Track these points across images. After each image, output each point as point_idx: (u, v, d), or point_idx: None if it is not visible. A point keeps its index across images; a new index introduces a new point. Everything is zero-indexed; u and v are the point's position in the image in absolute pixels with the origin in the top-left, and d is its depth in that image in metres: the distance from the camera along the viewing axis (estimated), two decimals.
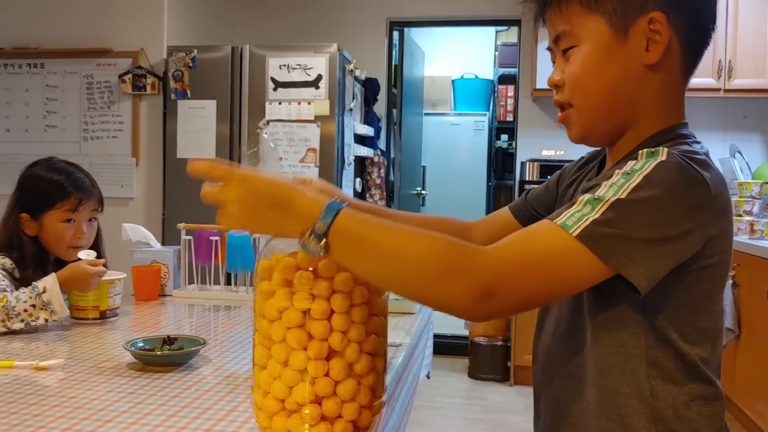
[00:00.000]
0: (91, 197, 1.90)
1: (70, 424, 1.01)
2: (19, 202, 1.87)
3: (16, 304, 1.59)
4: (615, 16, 0.90)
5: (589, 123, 0.96)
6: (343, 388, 0.87)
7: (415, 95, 5.27)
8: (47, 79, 4.18)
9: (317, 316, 0.85)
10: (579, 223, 0.79)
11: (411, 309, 1.91)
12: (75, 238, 1.87)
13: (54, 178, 1.87)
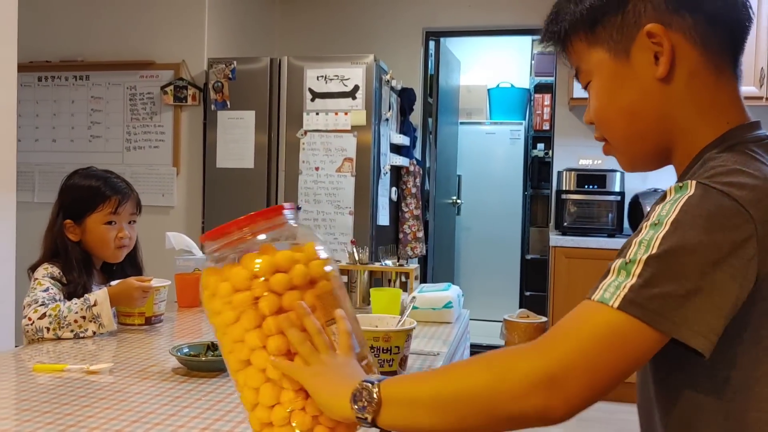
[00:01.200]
0: (128, 199, 1.95)
1: (122, 426, 1.04)
2: (62, 209, 1.92)
3: (68, 315, 1.65)
4: (612, 42, 0.89)
5: (627, 152, 0.94)
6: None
7: (450, 104, 5.28)
8: (92, 91, 4.30)
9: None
10: (617, 293, 0.74)
11: (448, 318, 1.93)
12: (117, 239, 1.91)
13: (93, 184, 1.93)
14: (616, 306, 0.73)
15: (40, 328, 1.63)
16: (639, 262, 0.74)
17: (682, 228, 0.74)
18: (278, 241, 0.91)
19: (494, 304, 5.14)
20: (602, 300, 0.74)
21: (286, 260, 0.88)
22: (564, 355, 0.74)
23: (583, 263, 3.98)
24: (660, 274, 0.72)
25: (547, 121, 5.62)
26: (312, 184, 3.86)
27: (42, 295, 1.72)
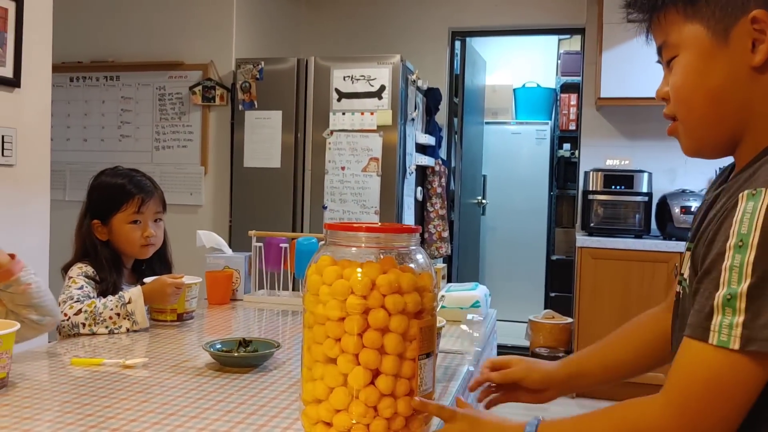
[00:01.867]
0: (152, 197, 1.96)
1: (159, 419, 1.07)
2: (89, 209, 1.95)
3: (103, 311, 1.68)
4: (713, 20, 0.86)
5: (696, 135, 0.92)
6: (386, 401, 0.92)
7: (476, 104, 5.27)
8: (122, 91, 4.37)
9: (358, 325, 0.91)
10: (733, 333, 0.74)
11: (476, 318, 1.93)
12: (143, 238, 1.92)
13: (117, 183, 1.95)
14: (737, 348, 0.74)
15: (76, 323, 1.67)
16: (741, 296, 0.74)
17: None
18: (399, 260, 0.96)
19: (519, 305, 5.13)
20: (721, 344, 0.75)
21: (408, 284, 0.92)
22: (685, 406, 0.78)
23: (609, 264, 3.96)
24: (766, 302, 0.73)
25: (573, 121, 5.59)
26: (338, 184, 3.88)
27: (77, 292, 1.76)
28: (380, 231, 0.98)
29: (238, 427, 1.04)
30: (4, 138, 2.55)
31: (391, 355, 0.91)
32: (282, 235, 2.21)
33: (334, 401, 0.91)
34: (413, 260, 0.97)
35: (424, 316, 0.93)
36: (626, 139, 4.44)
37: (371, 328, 0.90)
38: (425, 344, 0.93)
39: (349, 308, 0.90)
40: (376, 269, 0.91)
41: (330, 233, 0.98)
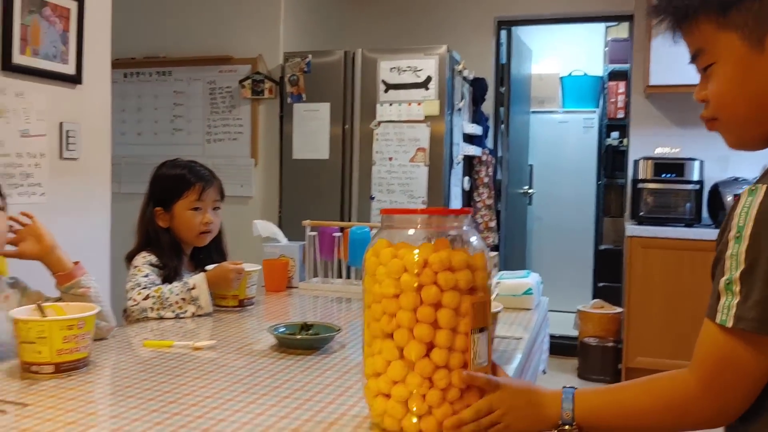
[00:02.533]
0: (212, 186, 2.04)
1: (232, 396, 1.12)
2: (151, 198, 2.04)
3: (169, 296, 1.76)
4: (747, 29, 0.87)
5: (739, 134, 0.96)
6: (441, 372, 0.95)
7: (522, 93, 5.24)
8: (174, 86, 4.48)
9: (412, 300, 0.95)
10: (729, 314, 0.84)
11: (528, 305, 1.95)
12: (202, 225, 1.99)
13: (179, 172, 2.04)
14: (730, 326, 0.83)
15: (144, 308, 1.75)
16: (736, 281, 0.83)
17: (759, 239, 0.82)
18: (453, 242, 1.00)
19: (566, 295, 5.10)
20: (722, 323, 0.84)
21: (459, 262, 0.95)
22: (701, 378, 0.88)
23: (660, 253, 3.91)
24: (753, 286, 0.82)
25: (621, 109, 5.51)
26: (385, 174, 3.92)
27: (143, 280, 1.84)
28: (434, 213, 1.04)
29: (307, 405, 1.09)
30: (68, 133, 2.66)
31: (444, 329, 0.94)
32: (335, 224, 2.26)
33: (392, 373, 0.96)
34: (467, 242, 1.00)
35: (476, 292, 0.96)
36: (676, 126, 4.37)
37: (424, 304, 0.94)
38: (478, 319, 0.96)
39: (403, 285, 0.95)
40: (429, 249, 0.96)
41: (386, 218, 1.03)
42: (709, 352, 0.87)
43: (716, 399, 0.86)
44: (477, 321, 0.95)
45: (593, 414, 0.95)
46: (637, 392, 0.95)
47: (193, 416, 1.02)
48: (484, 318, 0.97)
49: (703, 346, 0.88)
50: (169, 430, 0.96)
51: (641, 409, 0.92)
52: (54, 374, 1.20)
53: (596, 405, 0.96)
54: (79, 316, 1.22)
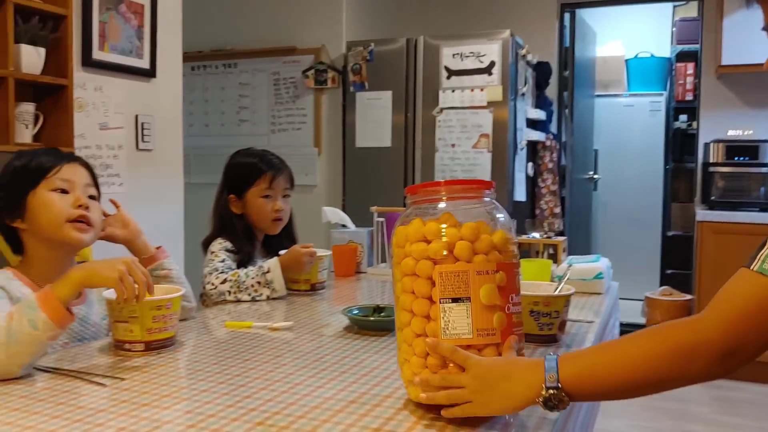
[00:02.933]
0: (282, 174, 2.09)
1: (313, 373, 1.17)
2: (225, 185, 2.10)
3: (246, 280, 1.83)
4: None
5: None
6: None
7: (586, 77, 5.15)
8: (240, 78, 4.58)
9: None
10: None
11: (599, 289, 1.94)
12: (273, 212, 2.05)
13: (251, 161, 2.09)
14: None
15: (222, 291, 1.82)
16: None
17: None
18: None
19: (633, 282, 4.99)
20: (761, 270, 0.84)
21: (431, 232, 0.96)
22: (725, 320, 0.84)
23: (732, 239, 3.80)
24: None
25: (690, 91, 5.35)
26: (448, 161, 3.92)
27: (220, 265, 1.91)
28: (450, 184, 1.02)
29: (385, 382, 1.12)
30: (143, 125, 2.77)
31: (419, 298, 0.96)
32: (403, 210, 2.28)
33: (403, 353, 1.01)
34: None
35: (443, 261, 0.95)
36: (749, 107, 4.22)
37: (405, 275, 0.98)
38: (448, 289, 0.94)
39: (394, 260, 1.00)
40: (419, 223, 0.98)
41: (408, 197, 1.06)
42: (739, 294, 0.85)
43: (733, 340, 0.83)
44: (447, 290, 0.94)
45: (582, 374, 0.88)
46: (638, 340, 0.89)
47: (278, 390, 1.07)
48: (459, 288, 0.94)
49: (732, 289, 0.86)
50: (254, 405, 1.01)
51: (641, 357, 0.87)
52: (144, 352, 1.26)
53: (584, 365, 0.89)
54: (168, 297, 1.28)
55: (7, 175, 1.40)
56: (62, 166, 1.39)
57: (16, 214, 1.37)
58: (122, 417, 0.95)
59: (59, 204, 1.36)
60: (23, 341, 1.12)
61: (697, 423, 3.28)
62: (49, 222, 1.35)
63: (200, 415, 0.96)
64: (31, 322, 1.13)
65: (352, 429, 0.92)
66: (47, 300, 1.16)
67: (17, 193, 1.36)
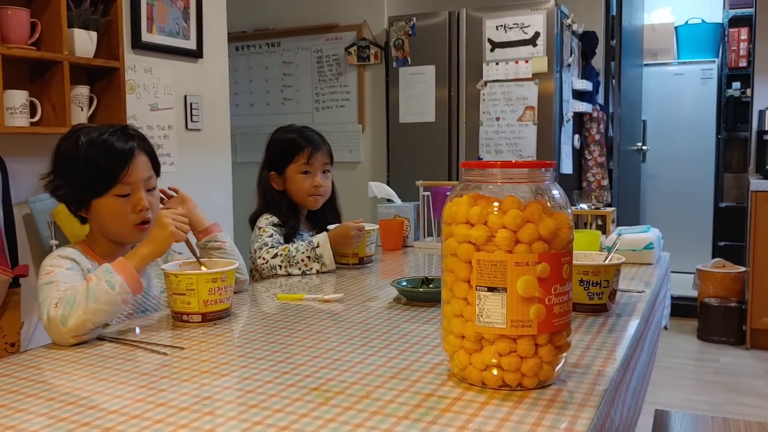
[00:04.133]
0: (320, 149, 2.10)
1: (364, 342, 1.19)
2: (266, 162, 2.13)
3: (296, 254, 1.86)
4: None
5: None
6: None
7: (634, 46, 5.02)
8: (283, 56, 4.62)
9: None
10: None
11: (649, 260, 1.91)
12: (312, 188, 2.07)
13: (289, 137, 2.11)
14: None
15: (273, 265, 1.86)
16: None
17: None
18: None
19: (684, 255, 4.89)
20: None
21: (474, 215, 0.94)
22: None
23: None
24: None
25: (744, 58, 5.18)
26: (493, 135, 3.89)
27: (269, 239, 1.95)
28: (510, 166, 0.98)
29: (434, 351, 1.14)
30: (192, 105, 2.82)
31: (459, 281, 0.96)
32: (448, 184, 2.30)
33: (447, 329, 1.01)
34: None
35: (485, 247, 0.93)
36: None
37: (449, 254, 0.97)
38: (484, 277, 0.92)
39: (443, 235, 1.00)
40: (465, 203, 0.96)
41: (463, 172, 1.01)
42: None
43: None
44: (483, 278, 0.93)
45: None
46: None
47: (331, 359, 1.09)
48: (496, 278, 0.92)
49: None
50: (309, 372, 1.04)
51: None
52: (201, 323, 1.31)
53: None
54: (223, 270, 1.32)
55: (74, 165, 1.40)
56: (129, 168, 1.41)
57: (80, 209, 1.46)
58: (185, 383, 0.99)
59: (123, 211, 1.42)
60: (101, 299, 1.22)
61: (750, 396, 3.23)
62: (114, 228, 1.45)
63: (257, 381, 0.99)
64: (108, 282, 1.24)
65: (405, 394, 0.94)
66: (123, 266, 1.28)
67: (83, 196, 1.43)
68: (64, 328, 1.19)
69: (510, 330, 0.92)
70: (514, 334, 0.93)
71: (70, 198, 1.45)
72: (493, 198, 0.95)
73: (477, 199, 0.96)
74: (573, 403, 0.90)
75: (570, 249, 0.97)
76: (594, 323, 1.31)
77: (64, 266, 1.34)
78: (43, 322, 1.23)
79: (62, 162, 1.43)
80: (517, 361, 0.93)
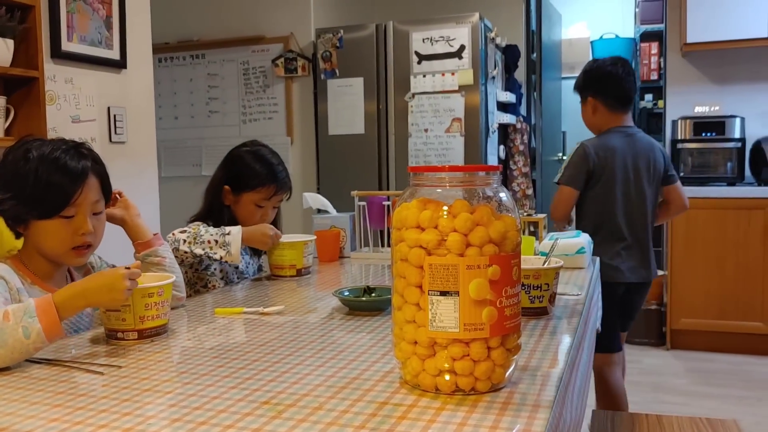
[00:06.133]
0: (284, 190, 2.08)
1: (311, 353, 1.17)
2: (225, 175, 2.07)
3: (204, 234, 1.84)
4: None
5: None
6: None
7: (553, 60, 5.20)
8: (208, 68, 4.53)
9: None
10: None
11: (581, 264, 1.97)
12: (260, 219, 2.04)
13: (258, 169, 2.04)
14: None
15: (178, 239, 1.83)
16: None
17: None
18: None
19: None
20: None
21: (425, 219, 0.93)
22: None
23: (702, 213, 3.88)
24: None
25: (654, 71, 5.42)
26: (422, 146, 3.93)
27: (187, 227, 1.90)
28: (459, 170, 0.99)
29: (384, 359, 1.13)
30: (116, 117, 2.72)
31: (410, 286, 0.95)
32: (383, 193, 2.30)
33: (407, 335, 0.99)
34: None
35: (436, 251, 0.93)
36: (715, 84, 4.31)
37: (399, 259, 0.97)
38: (437, 281, 0.92)
39: (392, 240, 1.00)
40: (414, 207, 0.96)
41: (414, 176, 1.00)
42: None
43: None
44: (435, 282, 0.92)
45: None
46: None
47: (278, 371, 1.06)
48: (448, 282, 0.92)
49: None
50: (257, 386, 1.01)
51: None
52: (138, 340, 1.25)
53: None
54: (160, 284, 1.27)
55: (21, 180, 1.31)
56: (81, 190, 1.33)
57: (18, 225, 1.36)
58: (125, 403, 0.94)
59: (64, 233, 1.34)
60: (11, 346, 1.10)
61: (672, 394, 3.36)
62: (50, 248, 1.36)
63: (204, 398, 0.95)
64: (24, 329, 1.11)
65: (359, 404, 0.92)
66: (47, 311, 1.14)
67: (27, 214, 1.33)
68: None
69: (463, 334, 0.92)
70: (467, 338, 0.93)
71: (11, 213, 1.34)
72: (442, 202, 0.95)
73: (426, 204, 0.96)
74: (527, 404, 0.91)
75: (518, 251, 0.98)
76: (536, 326, 1.33)
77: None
78: None
79: (8, 175, 1.33)
80: (470, 365, 0.93)
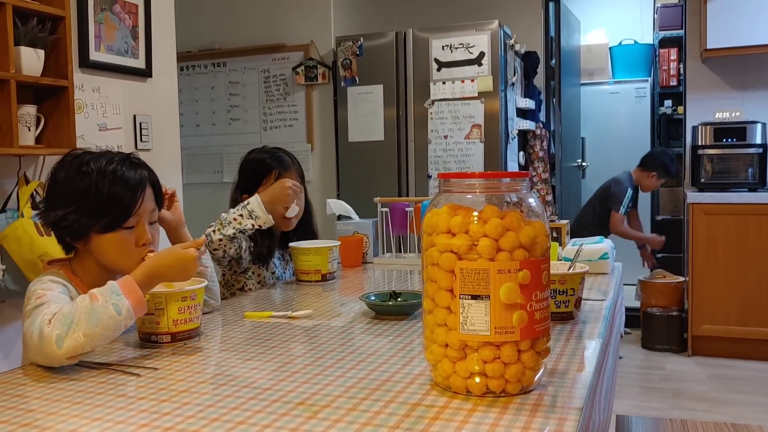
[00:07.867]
0: (289, 170, 2.09)
1: (341, 356, 1.19)
2: (239, 185, 2.12)
3: (227, 216, 1.89)
4: None
5: None
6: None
7: (572, 66, 5.20)
8: (230, 77, 4.58)
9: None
10: None
11: (605, 269, 1.97)
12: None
13: (259, 157, 2.11)
14: None
15: (208, 233, 1.87)
16: None
17: None
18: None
19: (625, 267, 5.03)
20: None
21: (456, 225, 0.95)
22: None
23: (723, 219, 3.87)
24: None
25: (674, 77, 5.42)
26: (441, 153, 3.95)
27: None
28: (489, 177, 1.01)
29: (414, 362, 1.15)
30: (141, 125, 2.77)
31: (441, 290, 0.97)
32: (406, 200, 2.31)
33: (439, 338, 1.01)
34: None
35: (466, 256, 0.94)
36: (735, 90, 4.29)
37: (430, 264, 0.99)
38: (468, 285, 0.94)
39: (423, 245, 1.02)
40: (444, 213, 0.97)
41: (441, 183, 1.03)
42: None
43: None
44: (467, 287, 0.94)
45: None
46: None
47: (311, 373, 1.09)
48: (479, 286, 0.93)
49: None
50: (291, 387, 1.03)
51: None
52: (171, 343, 1.28)
53: None
54: (192, 288, 1.30)
55: (82, 196, 1.32)
56: (138, 205, 1.35)
57: (78, 239, 1.36)
58: (164, 403, 0.97)
59: (126, 245, 1.35)
60: (105, 323, 1.14)
61: (695, 401, 3.34)
62: (119, 261, 1.36)
63: (240, 399, 0.98)
64: (115, 306, 1.16)
65: (392, 405, 0.94)
66: (131, 289, 1.19)
67: (90, 228, 1.33)
68: (60, 350, 1.10)
69: (494, 337, 0.94)
70: (498, 341, 0.94)
71: (72, 229, 1.33)
72: (472, 208, 0.97)
73: (456, 209, 0.98)
74: (557, 407, 0.92)
75: (548, 256, 0.99)
76: (563, 330, 1.34)
77: (56, 290, 1.26)
78: (32, 342, 1.13)
79: (66, 191, 1.33)
80: (501, 367, 0.95)
